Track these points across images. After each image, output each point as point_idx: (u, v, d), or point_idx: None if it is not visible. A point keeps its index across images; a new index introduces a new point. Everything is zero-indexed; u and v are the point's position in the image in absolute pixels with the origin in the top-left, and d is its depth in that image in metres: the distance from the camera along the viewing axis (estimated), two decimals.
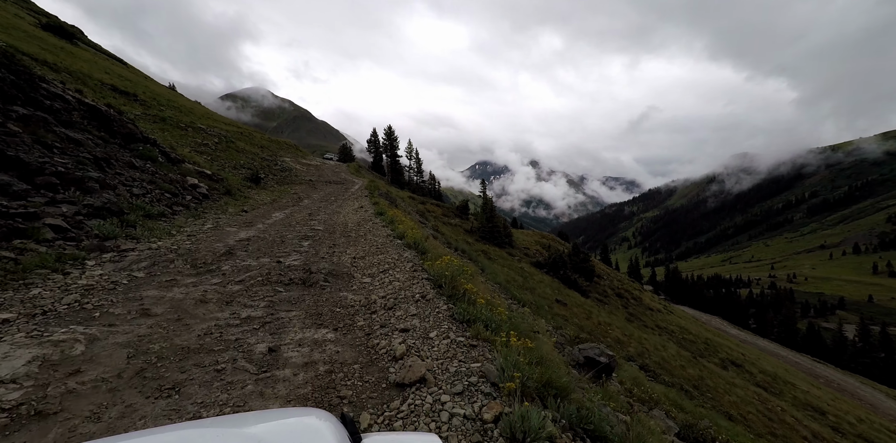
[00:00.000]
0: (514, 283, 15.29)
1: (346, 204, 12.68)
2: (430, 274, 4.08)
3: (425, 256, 5.07)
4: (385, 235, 6.91)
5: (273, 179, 16.99)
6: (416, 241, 5.80)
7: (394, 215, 8.70)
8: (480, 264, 14.94)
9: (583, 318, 14.38)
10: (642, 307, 26.84)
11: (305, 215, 9.61)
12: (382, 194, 17.06)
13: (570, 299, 16.49)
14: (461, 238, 22.10)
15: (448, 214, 29.65)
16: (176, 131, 15.57)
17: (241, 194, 11.51)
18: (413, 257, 5.07)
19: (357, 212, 10.62)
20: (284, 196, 13.67)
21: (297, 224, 8.12)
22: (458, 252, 15.42)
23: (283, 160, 28.36)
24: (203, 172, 10.82)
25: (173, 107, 29.01)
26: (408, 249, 5.58)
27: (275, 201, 12.12)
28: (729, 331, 49.86)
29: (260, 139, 36.88)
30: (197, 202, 8.48)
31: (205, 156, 14.25)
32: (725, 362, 19.93)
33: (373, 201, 12.85)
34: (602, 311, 17.92)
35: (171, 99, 32.49)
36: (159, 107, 23.55)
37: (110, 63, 37.95)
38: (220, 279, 3.97)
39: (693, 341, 22.59)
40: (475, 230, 25.94)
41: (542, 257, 26.04)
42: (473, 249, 19.29)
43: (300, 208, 11.04)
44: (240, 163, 15.86)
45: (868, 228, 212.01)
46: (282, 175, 18.78)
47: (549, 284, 18.84)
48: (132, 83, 30.02)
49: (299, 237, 6.57)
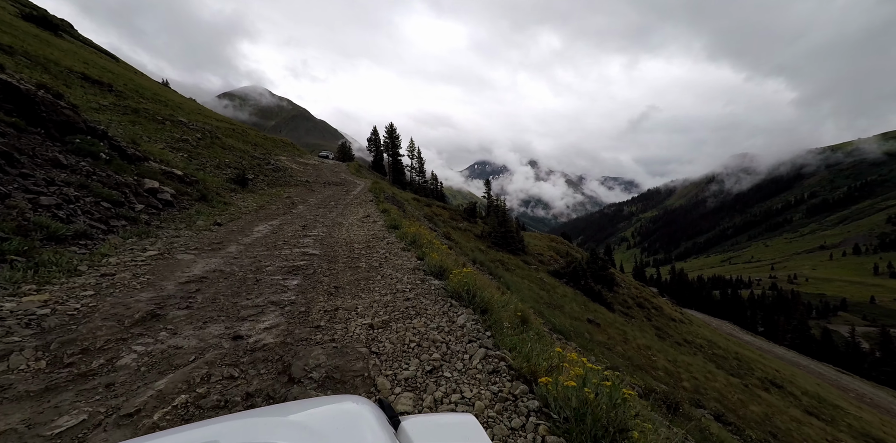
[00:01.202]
0: (541, 301, 13.29)
1: (350, 211, 10.55)
2: (540, 398, 1.96)
3: (494, 321, 2.94)
4: (411, 267, 4.76)
5: (264, 180, 14.88)
6: (467, 286, 3.39)
7: (416, 233, 6.56)
8: (504, 280, 12.91)
9: (620, 341, 12.51)
10: (664, 318, 24.98)
11: (298, 229, 7.50)
12: (389, 198, 14.97)
13: (600, 318, 14.57)
14: (473, 245, 20.06)
15: (455, 218, 27.60)
16: (150, 125, 13.44)
17: (221, 200, 9.39)
18: (475, 328, 2.86)
19: (364, 223, 8.49)
20: (275, 201, 11.55)
21: (284, 244, 6.01)
22: (476, 265, 13.39)
23: (277, 159, 26.20)
24: (171, 173, 8.70)
25: (158, 101, 26.83)
26: (460, 306, 3.26)
27: (262, 208, 10.00)
28: (742, 337, 48.14)
29: (254, 137, 34.73)
30: (153, 213, 6.37)
31: (182, 153, 12.13)
32: (765, 383, 18.15)
33: (381, 208, 10.73)
34: (634, 329, 16.05)
35: (158, 93, 30.26)
36: (139, 99, 21.36)
37: (97, 56, 35.71)
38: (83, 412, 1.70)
39: (724, 357, 20.79)
40: (486, 235, 23.93)
41: (559, 265, 24.09)
42: (489, 259, 17.27)
43: (292, 218, 8.91)
44: (225, 162, 13.74)
45: (868, 229, 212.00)
46: (274, 176, 16.65)
47: (574, 298, 16.91)
48: (114, 75, 27.78)
49: (284, 270, 4.47)
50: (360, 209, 10.92)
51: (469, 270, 3.97)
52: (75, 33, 45.31)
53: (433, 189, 55.53)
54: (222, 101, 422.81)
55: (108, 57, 42.62)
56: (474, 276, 3.76)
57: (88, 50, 37.85)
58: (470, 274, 3.65)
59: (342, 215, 9.81)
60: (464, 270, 3.79)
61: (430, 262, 4.66)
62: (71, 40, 37.23)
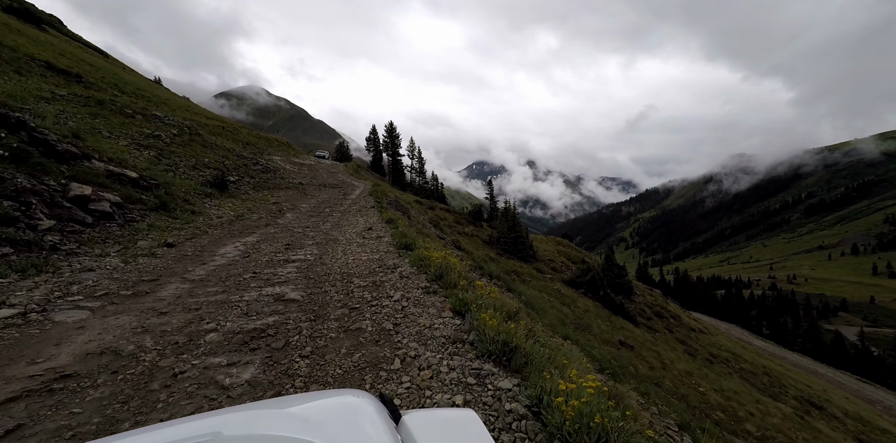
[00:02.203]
0: (567, 320, 11.54)
1: (348, 221, 8.73)
2: None
3: None
4: (447, 333, 2.86)
5: (249, 182, 13.05)
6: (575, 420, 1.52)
7: (442, 261, 4.43)
8: (524, 297, 11.15)
9: (659, 367, 10.88)
10: (684, 328, 23.34)
11: (279, 249, 5.69)
12: (392, 203, 13.17)
13: (630, 337, 12.92)
14: (483, 253, 18.31)
15: (460, 221, 25.83)
16: (116, 118, 11.58)
17: (188, 208, 7.57)
18: None
19: (365, 240, 6.64)
20: (259, 208, 9.73)
21: (253, 278, 4.19)
22: (493, 280, 11.62)
23: (269, 159, 24.32)
24: (122, 175, 6.87)
25: (141, 96, 24.93)
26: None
27: (241, 218, 8.19)
28: (754, 342, 46.67)
29: (246, 135, 32.86)
30: (73, 231, 4.56)
31: (150, 151, 10.30)
32: (804, 404, 16.56)
33: (384, 217, 8.90)
34: (665, 347, 14.40)
35: (143, 88, 28.29)
36: (115, 92, 19.44)
37: (82, 51, 33.82)
38: None
39: (754, 373, 19.20)
40: (494, 241, 22.21)
41: (572, 272, 22.38)
42: (503, 270, 15.51)
43: (276, 232, 7.09)
44: (203, 161, 11.90)
45: (866, 229, 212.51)
46: (262, 177, 14.81)
47: (597, 312, 15.22)
48: (94, 68, 25.84)
49: (235, 344, 2.63)
50: (359, 218, 9.11)
51: None
52: (64, 29, 43.42)
53: (433, 190, 53.74)
54: (219, 101, 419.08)
55: (96, 52, 40.64)
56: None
57: (74, 45, 35.92)
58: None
59: (338, 227, 7.99)
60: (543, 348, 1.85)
61: (481, 328, 2.65)
62: (56, 34, 35.29)
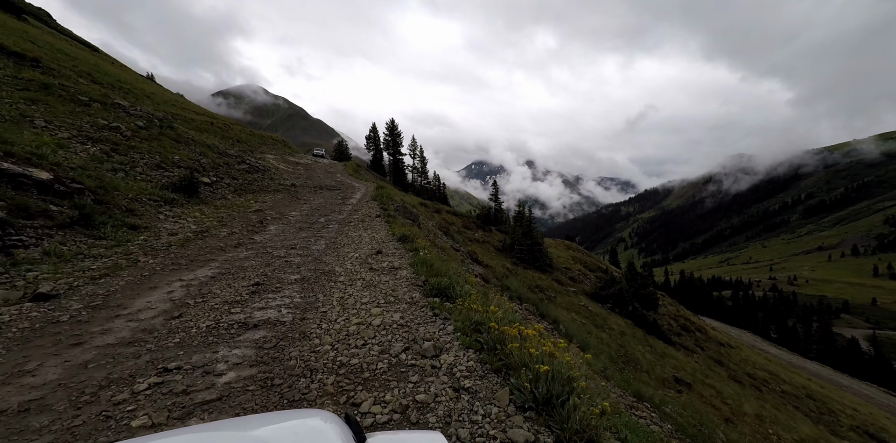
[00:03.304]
0: (611, 350, 9.51)
1: (348, 238, 6.61)
2: None
3: None
4: None
5: (230, 184, 10.94)
6: None
7: (533, 350, 2.14)
8: (563, 326, 9.11)
9: (726, 411, 8.94)
10: (713, 343, 21.40)
11: (240, 295, 3.58)
12: (400, 209, 11.07)
13: (678, 367, 10.99)
14: (499, 263, 16.26)
15: (469, 226, 23.77)
16: (63, 106, 9.43)
17: (128, 221, 5.48)
18: None
19: (375, 275, 4.32)
20: (234, 218, 7.62)
21: (146, 400, 2.05)
22: (525, 305, 9.56)
23: (260, 157, 22.14)
24: (23, 177, 4.76)
25: (120, 88, 22.72)
26: None
27: (203, 235, 6.09)
28: (769, 350, 44.87)
29: (238, 132, 30.68)
30: None
31: (99, 146, 8.19)
32: (862, 435, 14.67)
33: (396, 232, 6.77)
34: (716, 378, 12.43)
35: (124, 81, 26.01)
36: (80, 80, 17.22)
37: (67, 43, 31.62)
38: None
39: (797, 396, 17.30)
40: (507, 248, 20.17)
41: (590, 282, 20.44)
42: (525, 284, 13.47)
43: (246, 259, 4.98)
44: (172, 159, 9.79)
45: (865, 230, 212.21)
46: (247, 178, 12.68)
47: (633, 333, 13.26)
48: (68, 57, 23.55)
49: None
50: (363, 233, 6.99)
51: None
52: (52, 23, 41.28)
53: (436, 191, 51.63)
54: (216, 100, 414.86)
55: (84, 46, 38.47)
56: None
57: (58, 37, 33.80)
58: None
59: (335, 248, 5.88)
60: None
61: None
62: (39, 26, 33.14)
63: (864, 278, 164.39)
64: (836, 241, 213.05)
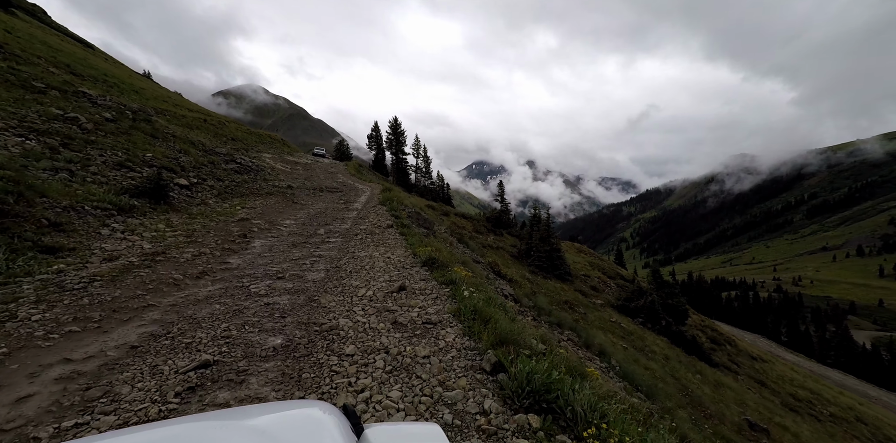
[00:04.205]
0: (666, 384, 7.86)
1: (356, 261, 4.92)
2: None
3: None
4: None
5: (213, 187, 9.31)
6: None
7: None
8: (613, 359, 7.48)
9: None
10: (745, 357, 19.75)
11: (138, 418, 1.85)
12: (413, 216, 9.38)
13: (740, 401, 9.45)
14: (517, 271, 14.62)
15: (479, 229, 22.14)
16: (8, 92, 7.81)
17: (43, 243, 3.88)
18: None
19: (401, 346, 2.72)
20: (207, 232, 5.97)
21: None
22: (566, 334, 7.91)
23: (256, 156, 20.49)
24: None
25: (104, 81, 21.15)
26: None
27: (153, 260, 4.44)
28: (785, 356, 43.15)
29: (233, 130, 29.09)
30: None
31: (44, 139, 6.57)
32: None
33: (420, 252, 5.07)
34: (782, 412, 10.86)
35: (112, 75, 24.39)
36: (49, 68, 15.56)
37: (58, 38, 30.26)
38: None
39: (846, 419, 15.66)
40: (523, 255, 18.54)
41: (612, 291, 18.83)
42: (553, 299, 11.83)
43: (198, 307, 3.26)
44: (143, 157, 8.17)
45: (870, 230, 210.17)
46: (236, 180, 11.04)
47: (676, 356, 11.66)
48: (50, 49, 21.98)
49: None
50: (374, 252, 5.32)
51: None
52: (47, 19, 40.11)
53: (439, 191, 49.92)
54: (216, 100, 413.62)
55: (77, 42, 37.16)
56: None
57: (48, 31, 32.45)
58: None
59: (338, 278, 4.22)
60: None
61: None
62: (28, 20, 31.74)
63: (869, 279, 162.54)
64: (841, 241, 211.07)
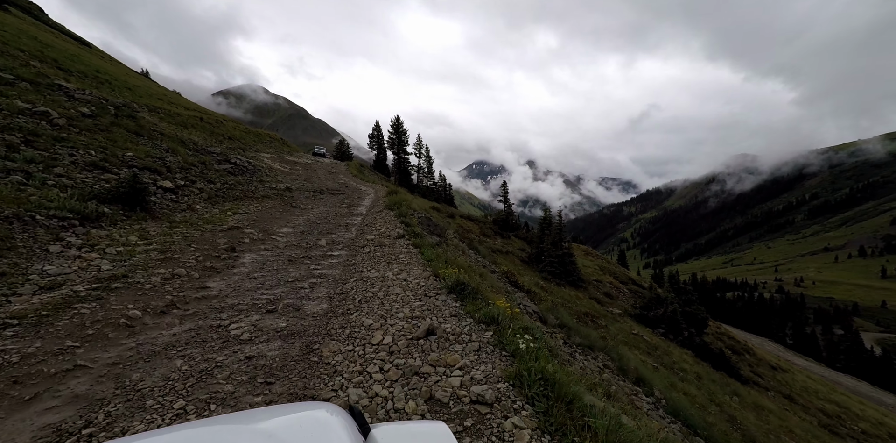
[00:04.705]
0: (710, 414, 6.92)
1: (364, 286, 3.97)
2: None
3: None
4: None
5: (202, 190, 8.40)
6: None
7: None
8: (656, 389, 6.54)
9: None
10: (766, 368, 18.76)
11: None
12: (423, 222, 8.46)
13: (786, 427, 8.58)
14: (531, 280, 13.69)
15: (486, 232, 21.21)
16: None
17: None
18: None
19: None
20: (188, 245, 5.05)
21: None
22: (599, 358, 7.00)
23: (253, 156, 19.54)
24: None
25: (96, 78, 20.28)
26: None
27: (109, 287, 3.54)
28: (795, 361, 42.23)
29: (231, 129, 28.17)
30: None
31: (6, 137, 5.65)
32: None
33: (444, 274, 4.14)
34: (822, 434, 10.03)
35: (105, 71, 23.48)
36: (30, 61, 14.62)
37: (52, 35, 29.49)
38: None
39: (879, 436, 14.70)
40: (533, 259, 17.63)
41: (626, 298, 17.92)
42: (573, 309, 10.91)
43: (150, 363, 2.33)
44: (122, 157, 7.27)
45: (872, 231, 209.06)
46: (228, 182, 10.12)
47: (707, 375, 10.72)
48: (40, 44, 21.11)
49: None
50: (387, 270, 4.40)
51: None
52: (43, 17, 39.46)
53: (441, 192, 48.95)
54: (216, 99, 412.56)
55: (72, 40, 36.46)
56: None
57: (42, 27, 31.68)
58: None
59: (344, 311, 3.29)
60: None
61: None
62: (21, 16, 30.98)
63: (872, 280, 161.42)
64: (843, 242, 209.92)
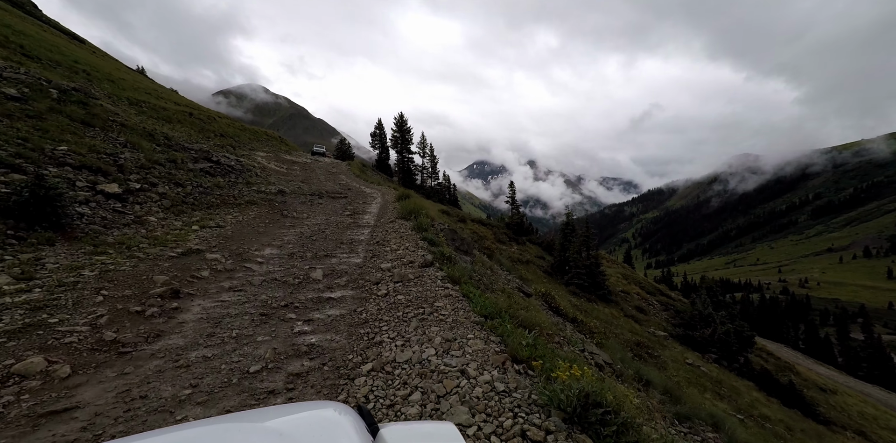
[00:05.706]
0: None
1: (393, 395, 2.14)
2: None
3: None
4: None
5: (166, 195, 6.55)
6: None
7: None
8: None
9: None
10: (818, 392, 16.74)
11: None
12: (448, 236, 6.53)
13: None
14: (561, 296, 11.78)
15: (500, 237, 19.36)
16: None
17: None
18: None
19: None
20: (96, 290, 3.16)
21: None
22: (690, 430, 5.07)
23: (244, 154, 17.54)
24: None
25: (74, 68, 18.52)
26: None
27: None
28: (818, 369, 40.26)
29: (224, 126, 26.20)
30: None
31: None
32: None
33: (517, 353, 2.28)
34: None
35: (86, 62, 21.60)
36: None
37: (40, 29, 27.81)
38: None
39: None
40: (556, 270, 15.73)
41: (656, 312, 16.06)
42: (622, 340, 9.01)
43: None
44: (52, 152, 5.41)
45: (877, 231, 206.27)
46: (204, 184, 8.24)
47: (789, 418, 8.91)
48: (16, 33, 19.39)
49: None
50: (426, 344, 2.51)
51: None
52: (37, 12, 38.02)
53: (445, 193, 46.96)
54: (217, 99, 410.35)
55: (65, 36, 34.85)
56: None
57: (30, 20, 29.99)
58: None
59: None
60: None
61: None
62: (10, 9, 29.28)
63: (878, 281, 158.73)
64: (847, 242, 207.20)
